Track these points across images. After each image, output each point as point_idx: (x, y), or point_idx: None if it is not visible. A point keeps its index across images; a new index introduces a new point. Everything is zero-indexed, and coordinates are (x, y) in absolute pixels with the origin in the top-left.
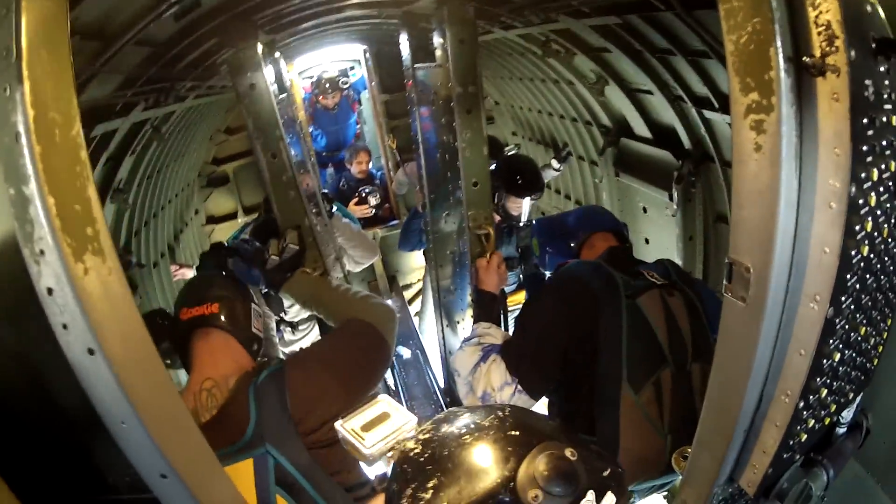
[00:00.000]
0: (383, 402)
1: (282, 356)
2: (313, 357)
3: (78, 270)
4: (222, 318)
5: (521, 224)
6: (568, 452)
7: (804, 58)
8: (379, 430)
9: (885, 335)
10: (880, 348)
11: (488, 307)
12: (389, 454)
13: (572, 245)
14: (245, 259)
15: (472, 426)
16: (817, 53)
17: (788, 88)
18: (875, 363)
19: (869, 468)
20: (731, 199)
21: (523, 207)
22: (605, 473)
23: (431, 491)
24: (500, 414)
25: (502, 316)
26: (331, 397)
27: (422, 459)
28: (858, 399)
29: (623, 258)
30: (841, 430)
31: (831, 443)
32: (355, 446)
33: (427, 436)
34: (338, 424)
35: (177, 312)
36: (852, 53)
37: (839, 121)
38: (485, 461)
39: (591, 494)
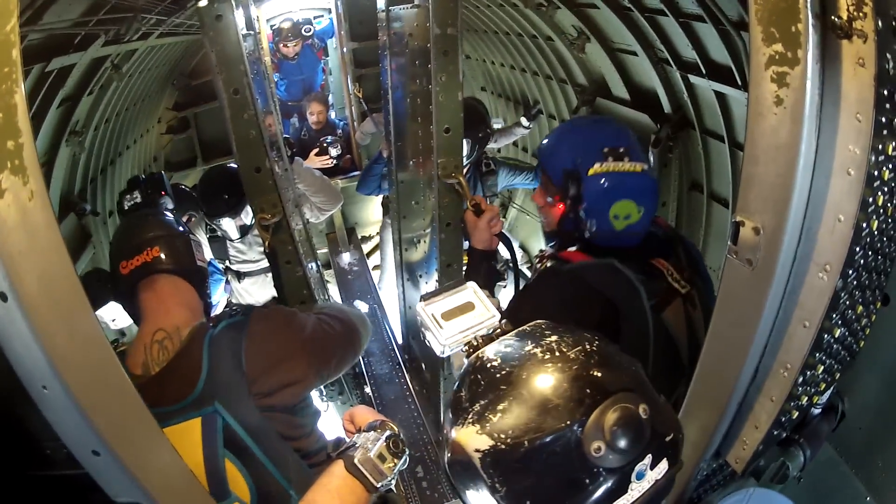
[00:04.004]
0: (469, 290)
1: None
2: (281, 315)
3: None
4: (165, 259)
5: (486, 171)
6: (641, 409)
7: (832, 17)
8: (459, 320)
9: (873, 317)
10: (867, 331)
11: (477, 267)
12: (462, 349)
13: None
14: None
15: (558, 355)
16: (844, 16)
17: (815, 44)
18: (861, 345)
19: (842, 452)
20: (745, 154)
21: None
22: (668, 439)
23: (500, 414)
24: (588, 347)
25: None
26: (292, 361)
27: (498, 376)
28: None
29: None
30: (815, 411)
31: (806, 423)
32: (432, 332)
33: (508, 350)
34: (419, 306)
35: (115, 269)
36: (879, 23)
37: (863, 87)
38: (560, 398)
39: (648, 458)
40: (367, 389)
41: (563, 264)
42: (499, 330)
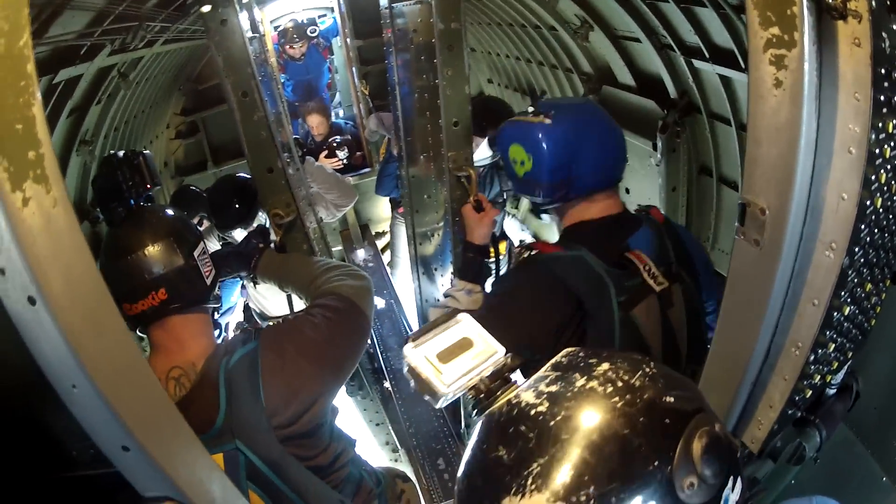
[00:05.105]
0: (464, 324)
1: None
2: (289, 338)
3: (15, 200)
4: (174, 299)
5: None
6: (718, 428)
7: None
8: (460, 361)
9: (883, 295)
10: (878, 309)
11: (469, 262)
12: (468, 393)
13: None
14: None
15: (621, 385)
16: None
17: (811, 26)
18: (872, 324)
19: (858, 432)
20: (748, 136)
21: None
22: (738, 455)
23: (569, 471)
24: (648, 370)
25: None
26: (308, 387)
27: (552, 423)
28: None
29: (613, 233)
30: (830, 391)
31: (821, 403)
32: (428, 380)
33: (554, 389)
34: (408, 348)
35: (117, 303)
36: (872, 2)
37: (860, 66)
38: (640, 436)
39: (730, 481)
40: (387, 384)
41: (536, 255)
42: (506, 365)
